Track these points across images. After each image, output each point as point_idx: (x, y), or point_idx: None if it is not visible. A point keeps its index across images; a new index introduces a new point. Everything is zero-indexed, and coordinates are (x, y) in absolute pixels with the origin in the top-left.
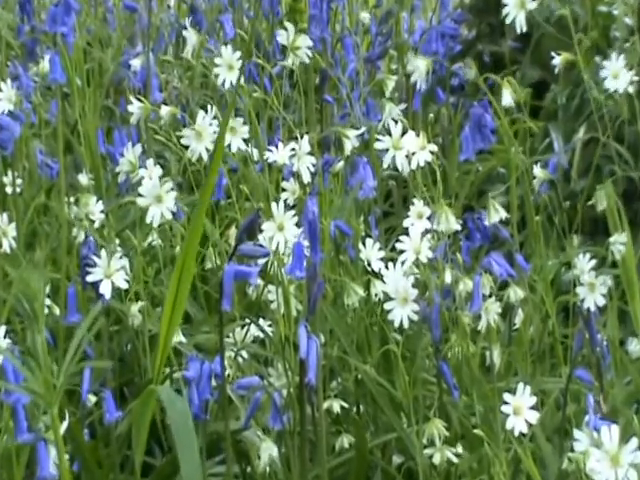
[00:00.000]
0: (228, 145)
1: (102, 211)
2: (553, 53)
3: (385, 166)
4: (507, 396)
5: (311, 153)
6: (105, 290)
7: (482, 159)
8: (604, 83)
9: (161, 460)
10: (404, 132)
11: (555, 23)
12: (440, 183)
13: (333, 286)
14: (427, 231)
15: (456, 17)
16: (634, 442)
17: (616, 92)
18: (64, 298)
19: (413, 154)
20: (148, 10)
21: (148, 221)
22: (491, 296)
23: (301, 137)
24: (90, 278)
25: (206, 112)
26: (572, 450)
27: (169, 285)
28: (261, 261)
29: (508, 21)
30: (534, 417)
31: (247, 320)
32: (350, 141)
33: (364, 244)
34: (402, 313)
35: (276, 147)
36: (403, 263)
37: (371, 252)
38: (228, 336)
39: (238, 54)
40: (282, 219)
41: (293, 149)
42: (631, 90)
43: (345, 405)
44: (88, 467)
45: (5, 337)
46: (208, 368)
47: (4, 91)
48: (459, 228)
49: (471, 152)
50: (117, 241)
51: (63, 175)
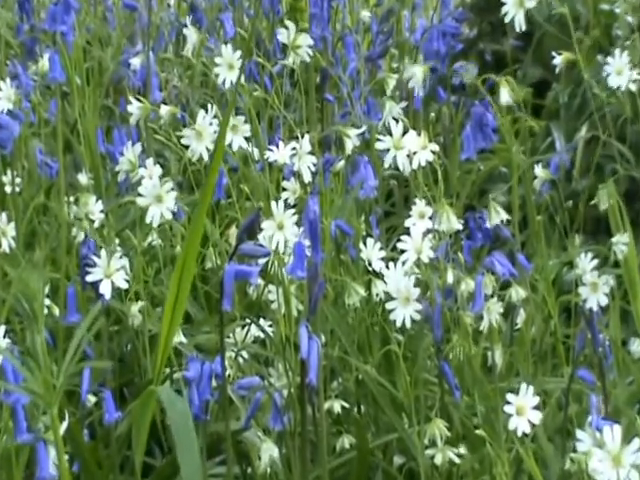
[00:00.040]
0: (229, 144)
1: (102, 211)
2: (554, 52)
3: (386, 166)
4: (510, 396)
5: (312, 152)
6: (105, 290)
7: (483, 158)
8: (607, 80)
9: (161, 461)
10: (405, 131)
11: (557, 22)
12: (441, 182)
13: (334, 286)
14: (429, 231)
15: (457, 16)
16: (636, 442)
17: (619, 89)
18: (64, 298)
19: (414, 154)
20: (148, 9)
21: (148, 221)
22: (493, 296)
23: (302, 136)
24: (90, 278)
25: (206, 111)
26: (574, 450)
27: (170, 285)
28: (261, 261)
29: (507, 20)
30: (537, 417)
31: (247, 320)
32: (351, 140)
33: (365, 244)
34: (404, 313)
35: (277, 146)
36: (404, 263)
37: (372, 252)
38: (228, 336)
39: (238, 53)
40: (282, 218)
41: (294, 148)
42: (634, 88)
43: (346, 405)
44: (88, 468)
45: (4, 337)
46: (208, 368)
47: (3, 90)
48: (460, 228)
49: (472, 151)
50: (117, 241)
51: (62, 174)
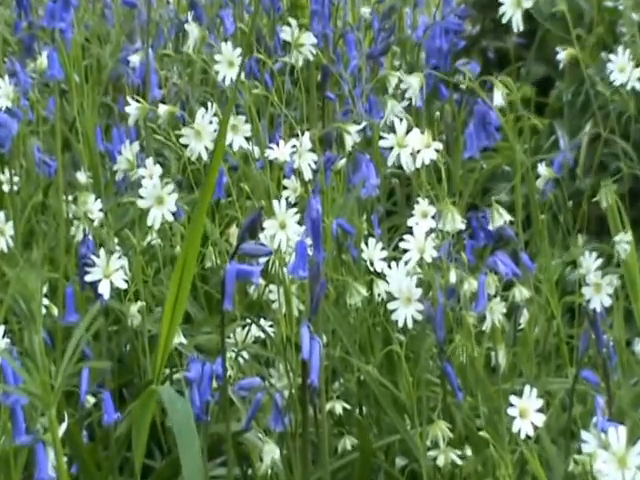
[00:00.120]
0: (229, 144)
1: (101, 210)
2: (558, 48)
3: (390, 164)
4: (513, 398)
5: (312, 150)
6: (104, 290)
7: (486, 157)
8: (610, 77)
9: (161, 462)
10: (409, 130)
11: (561, 19)
12: (445, 182)
13: (335, 286)
14: (431, 230)
15: (460, 13)
16: None
17: (622, 87)
18: (62, 298)
19: (418, 152)
20: (147, 6)
21: (149, 224)
22: (496, 296)
23: (302, 134)
24: (89, 278)
25: (206, 109)
26: (578, 452)
27: (170, 285)
28: (262, 260)
29: (505, 20)
30: (540, 420)
31: (248, 320)
32: (351, 137)
33: (367, 243)
34: (406, 313)
35: (277, 144)
36: (407, 262)
37: (374, 251)
38: (229, 336)
39: (239, 50)
40: (284, 217)
41: (294, 146)
42: (638, 86)
43: (348, 406)
44: (87, 469)
45: (3, 337)
46: (209, 369)
47: (1, 88)
48: (463, 227)
49: (475, 150)
50: (116, 240)
51: (61, 173)
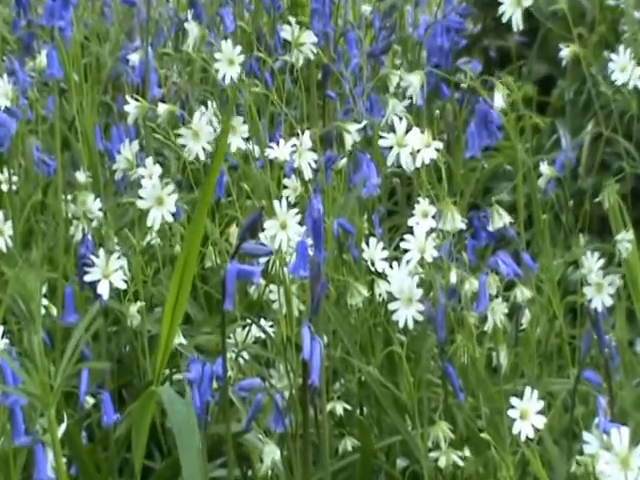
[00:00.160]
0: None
1: (100, 209)
2: (561, 45)
3: (389, 164)
4: (514, 400)
5: (313, 149)
6: (103, 290)
7: (488, 156)
8: (612, 77)
9: (161, 463)
10: (408, 129)
11: (562, 17)
12: (445, 181)
13: (336, 286)
14: (432, 230)
15: (461, 11)
16: None
17: (624, 86)
18: (61, 298)
19: (418, 151)
20: (147, 4)
21: (149, 224)
22: (497, 296)
23: (303, 133)
24: (88, 278)
25: (206, 108)
26: (581, 453)
27: (170, 285)
28: (263, 260)
29: (504, 19)
30: (541, 421)
31: (248, 320)
32: (351, 135)
33: (367, 243)
34: (407, 313)
35: (277, 144)
36: (407, 262)
37: (375, 251)
38: (229, 337)
39: (239, 49)
40: (285, 217)
41: (294, 145)
42: None
43: (348, 407)
44: (86, 470)
45: (2, 338)
46: (209, 370)
47: (0, 87)
48: (464, 227)
49: (477, 149)
50: (115, 240)
51: (60, 172)
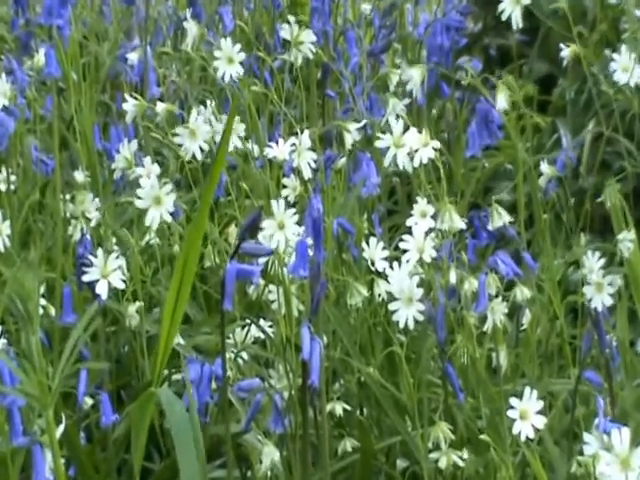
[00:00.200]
0: None
1: (98, 209)
2: (562, 45)
3: (386, 164)
4: (514, 400)
5: (312, 149)
6: (101, 290)
7: (488, 155)
8: (614, 77)
9: (159, 464)
10: (406, 129)
11: (563, 16)
12: (444, 180)
13: (336, 286)
14: (431, 230)
15: (461, 9)
16: None
17: (626, 85)
18: (59, 298)
19: (416, 151)
20: (145, 3)
21: (147, 224)
22: (497, 296)
23: (302, 132)
24: (86, 278)
25: (205, 107)
26: (581, 453)
27: (170, 286)
28: (262, 260)
29: (504, 17)
30: (541, 422)
31: (247, 321)
32: (351, 135)
33: (368, 243)
34: (407, 313)
35: (276, 143)
36: (407, 262)
37: (375, 251)
38: (228, 337)
39: (238, 47)
40: (282, 217)
41: (294, 145)
42: None
43: (348, 408)
44: (85, 471)
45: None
46: (208, 370)
47: None
48: (464, 226)
49: (477, 148)
50: (114, 240)
51: (59, 172)
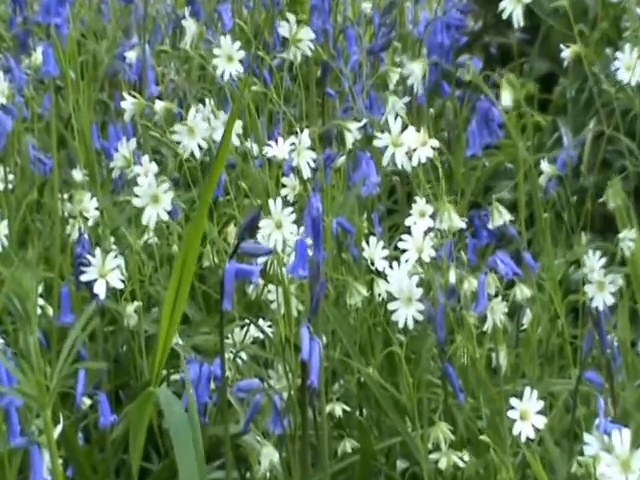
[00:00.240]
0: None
1: (97, 208)
2: (562, 45)
3: (385, 164)
4: (514, 401)
5: (312, 148)
6: (100, 290)
7: (489, 154)
8: (616, 75)
9: (158, 465)
10: (404, 128)
11: (564, 14)
12: (443, 180)
13: (335, 286)
14: (430, 229)
15: (462, 8)
16: None
17: (628, 85)
18: (57, 298)
19: (414, 150)
20: (144, 1)
21: (144, 223)
22: (497, 296)
23: (301, 131)
24: (84, 277)
25: (204, 106)
26: (582, 454)
27: (169, 285)
28: (261, 260)
29: (505, 16)
30: (541, 422)
31: (246, 320)
32: (351, 134)
33: (367, 242)
34: (406, 313)
35: (276, 142)
36: (406, 262)
37: (374, 251)
38: (227, 337)
39: (238, 44)
40: (280, 216)
41: (293, 144)
42: None
43: (348, 408)
44: (82, 472)
45: None
46: (207, 370)
47: None
48: (464, 226)
49: (478, 147)
50: (112, 239)
51: (57, 171)
